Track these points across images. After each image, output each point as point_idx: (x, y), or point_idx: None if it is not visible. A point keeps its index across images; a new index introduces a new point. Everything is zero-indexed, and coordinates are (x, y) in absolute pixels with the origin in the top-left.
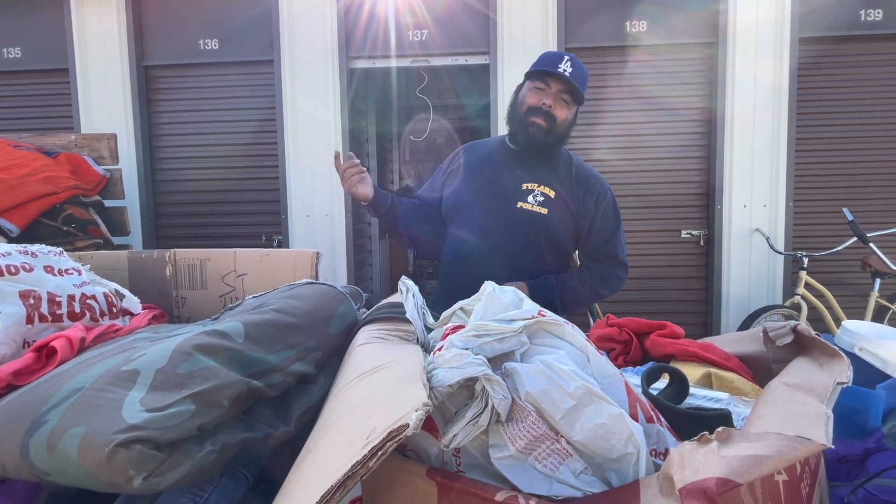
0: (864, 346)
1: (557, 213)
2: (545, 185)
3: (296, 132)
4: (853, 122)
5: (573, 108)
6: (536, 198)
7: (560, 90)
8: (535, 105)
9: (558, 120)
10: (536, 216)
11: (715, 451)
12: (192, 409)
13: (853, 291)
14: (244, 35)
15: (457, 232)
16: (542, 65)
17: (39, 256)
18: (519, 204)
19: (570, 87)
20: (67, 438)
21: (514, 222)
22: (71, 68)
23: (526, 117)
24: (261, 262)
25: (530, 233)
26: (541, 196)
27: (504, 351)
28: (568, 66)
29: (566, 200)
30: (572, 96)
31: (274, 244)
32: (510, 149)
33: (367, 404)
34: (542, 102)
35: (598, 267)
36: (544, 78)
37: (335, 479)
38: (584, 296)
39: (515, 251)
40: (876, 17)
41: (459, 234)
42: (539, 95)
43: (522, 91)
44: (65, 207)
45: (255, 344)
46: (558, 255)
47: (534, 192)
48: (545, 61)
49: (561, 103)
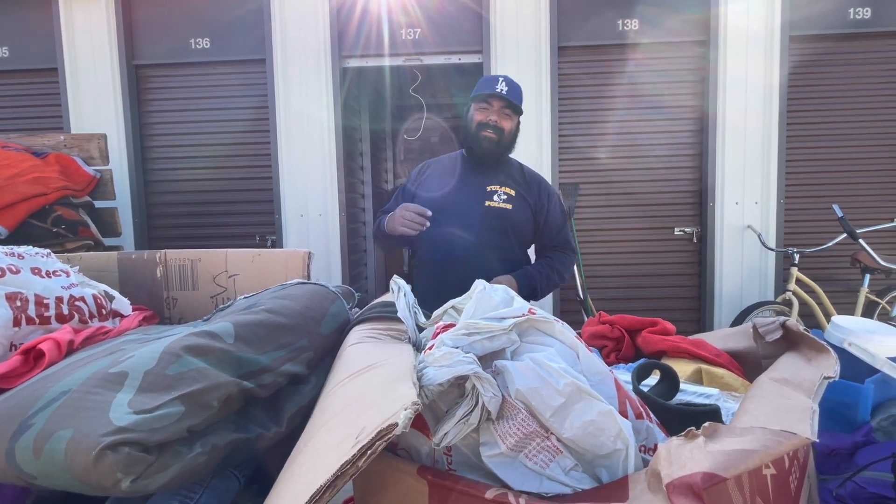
0: (854, 341)
1: (519, 207)
2: (505, 185)
3: (288, 131)
4: (843, 120)
5: (515, 118)
6: (500, 196)
7: (501, 106)
8: (483, 121)
9: (505, 131)
10: (503, 212)
11: (701, 446)
12: (182, 411)
13: (843, 287)
14: (236, 34)
15: (436, 233)
16: (483, 89)
17: (26, 258)
18: (487, 203)
19: (508, 103)
20: (54, 441)
21: (485, 219)
22: (60, 68)
23: (478, 133)
24: (252, 262)
25: (499, 226)
26: (504, 195)
27: (494, 349)
28: (503, 85)
29: (524, 197)
30: (512, 110)
31: (268, 244)
32: (468, 160)
33: (358, 404)
34: (488, 119)
35: (557, 254)
36: (487, 99)
37: (324, 478)
38: (554, 281)
39: (487, 244)
40: (864, 16)
41: (438, 235)
42: (485, 114)
43: (470, 113)
44: (54, 208)
45: (246, 344)
46: (522, 245)
47: (497, 192)
48: (484, 85)
49: (504, 117)
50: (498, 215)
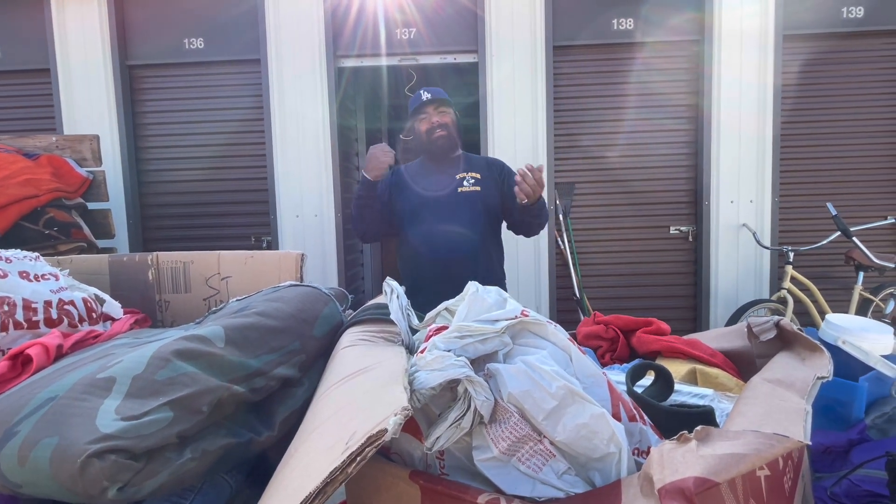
0: (848, 339)
1: (487, 188)
2: (471, 171)
3: (283, 132)
4: (837, 119)
5: (450, 111)
6: (469, 181)
7: (434, 108)
8: (428, 128)
9: (448, 124)
10: (475, 194)
11: (694, 450)
12: (171, 417)
13: (837, 285)
14: (230, 34)
15: (420, 226)
16: (414, 104)
17: (14, 262)
18: (459, 189)
19: (438, 101)
20: (39, 449)
21: (460, 204)
22: (52, 68)
23: (429, 136)
24: (245, 264)
25: (473, 208)
26: (471, 179)
27: (487, 352)
28: (426, 94)
29: (489, 177)
30: (444, 105)
31: (263, 245)
32: (431, 162)
33: (349, 408)
34: (431, 122)
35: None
36: (420, 110)
37: (314, 485)
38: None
39: (465, 226)
40: (857, 15)
41: (423, 226)
42: (426, 121)
43: (415, 128)
44: (46, 210)
45: (237, 348)
46: (496, 223)
47: (466, 178)
48: (414, 101)
49: (441, 114)
50: (471, 198)
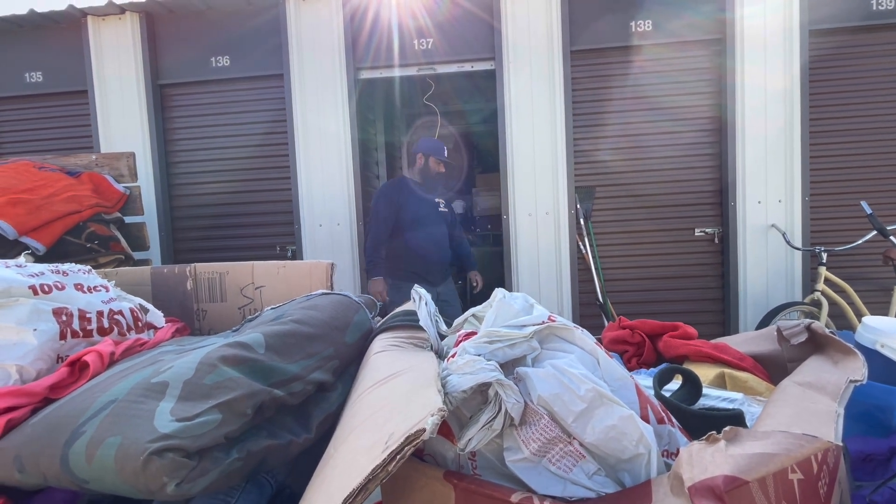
0: (887, 342)
1: (449, 211)
2: (440, 198)
3: (307, 144)
4: (868, 114)
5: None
6: (441, 205)
7: (444, 164)
8: (438, 172)
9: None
10: (446, 214)
11: (722, 449)
12: (219, 419)
13: (875, 286)
14: (254, 50)
15: (419, 233)
16: (436, 149)
17: (70, 275)
18: (439, 209)
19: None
20: (105, 448)
21: (440, 220)
22: (90, 90)
23: (437, 175)
24: (278, 274)
25: (446, 223)
26: (441, 204)
27: (516, 356)
28: (445, 152)
29: (447, 205)
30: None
31: (288, 254)
32: (420, 187)
33: (385, 410)
34: (440, 170)
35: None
36: (439, 156)
37: (357, 482)
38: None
39: (444, 232)
40: (888, 6)
41: (421, 233)
42: (440, 167)
43: (430, 165)
44: (87, 225)
45: (276, 354)
46: (458, 235)
47: (440, 203)
48: (441, 151)
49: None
50: (444, 217)
